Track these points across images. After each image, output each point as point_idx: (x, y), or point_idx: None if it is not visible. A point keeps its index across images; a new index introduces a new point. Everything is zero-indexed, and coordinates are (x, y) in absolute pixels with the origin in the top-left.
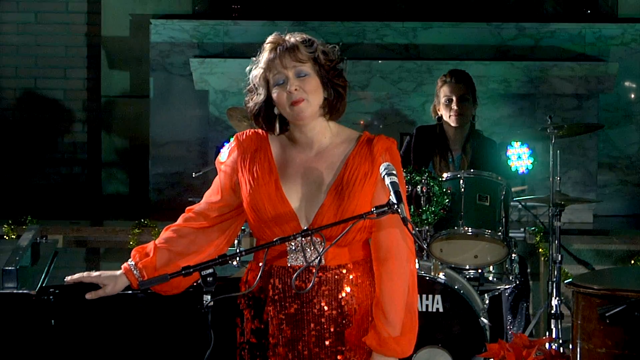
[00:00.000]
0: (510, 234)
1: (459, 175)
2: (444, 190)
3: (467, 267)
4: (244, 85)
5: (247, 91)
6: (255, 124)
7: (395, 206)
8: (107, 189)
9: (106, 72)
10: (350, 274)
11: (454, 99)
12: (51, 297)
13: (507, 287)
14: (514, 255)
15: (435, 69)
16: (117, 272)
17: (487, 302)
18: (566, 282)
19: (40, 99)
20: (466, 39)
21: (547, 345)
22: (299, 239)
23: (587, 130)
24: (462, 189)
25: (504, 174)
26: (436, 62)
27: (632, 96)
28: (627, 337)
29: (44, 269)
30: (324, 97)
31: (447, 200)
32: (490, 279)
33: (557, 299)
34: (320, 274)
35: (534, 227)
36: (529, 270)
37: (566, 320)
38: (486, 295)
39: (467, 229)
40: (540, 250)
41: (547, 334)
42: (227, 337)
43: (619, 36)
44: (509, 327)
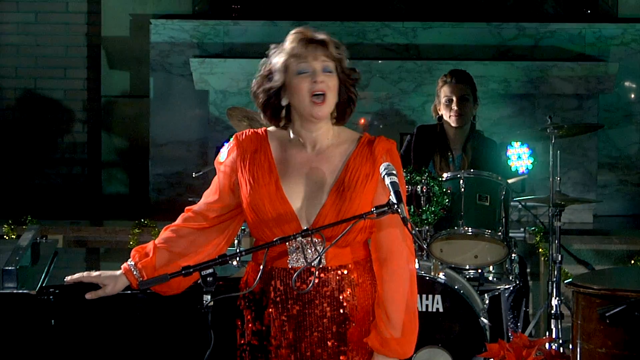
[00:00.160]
0: (510, 234)
1: (459, 175)
2: (444, 190)
3: (467, 267)
4: (244, 85)
5: (259, 77)
6: (262, 112)
7: (395, 206)
8: (107, 189)
9: (106, 72)
10: (351, 274)
11: (455, 99)
12: (51, 297)
13: (507, 287)
14: (513, 255)
15: (435, 69)
16: (117, 272)
17: (487, 302)
18: (566, 282)
19: (40, 99)
20: (466, 39)
21: (547, 345)
22: (300, 239)
23: (587, 130)
24: (462, 189)
25: (504, 174)
26: (436, 62)
27: (632, 96)
28: (627, 337)
29: (44, 269)
30: (337, 101)
31: (447, 200)
32: (490, 279)
33: (557, 299)
34: (321, 274)
35: (534, 227)
36: (528, 270)
37: (566, 320)
38: (486, 295)
39: (467, 229)
40: (540, 250)
41: (547, 334)
42: (227, 337)
43: (619, 36)
44: (509, 327)
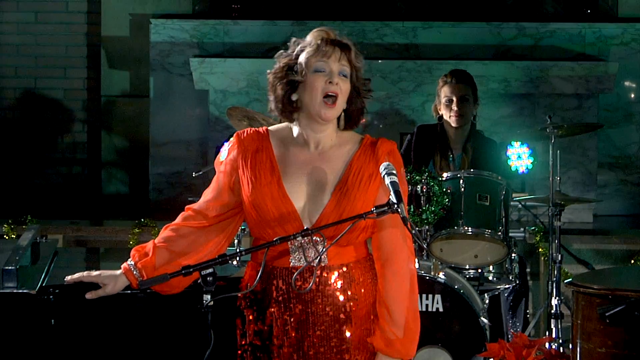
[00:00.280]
0: (510, 234)
1: (459, 175)
2: (444, 189)
3: (467, 266)
4: (244, 84)
5: (276, 69)
6: (274, 104)
7: (395, 206)
8: (107, 188)
9: (106, 72)
10: (353, 273)
11: (455, 99)
12: (51, 296)
13: (507, 286)
14: (513, 255)
15: (435, 68)
16: (117, 271)
17: (487, 301)
18: (566, 281)
19: (40, 98)
20: (466, 38)
21: (547, 344)
22: (301, 239)
23: (587, 130)
24: (462, 189)
25: (504, 174)
26: (436, 62)
27: (632, 96)
28: (627, 337)
29: (44, 269)
30: (345, 108)
31: (447, 199)
32: (490, 278)
33: (557, 298)
34: (324, 273)
35: (534, 227)
36: (528, 270)
37: (566, 319)
38: (486, 295)
39: (467, 228)
40: (540, 250)
41: (547, 333)
42: (227, 337)
43: (619, 36)
44: (509, 327)
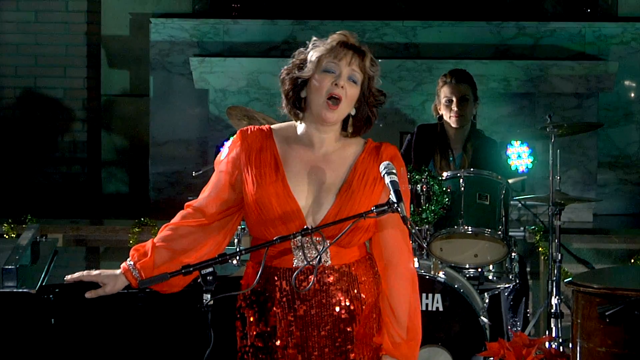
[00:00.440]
0: (510, 233)
1: (458, 174)
2: (444, 189)
3: (467, 266)
4: (244, 84)
5: (290, 64)
6: (283, 99)
7: (395, 205)
8: (107, 188)
9: (106, 71)
10: (356, 272)
11: (454, 100)
12: (51, 296)
13: (507, 286)
14: (513, 254)
15: (435, 68)
16: (117, 271)
17: (486, 301)
18: (566, 281)
19: (40, 98)
20: (466, 38)
21: (547, 344)
22: (306, 239)
23: (587, 129)
24: (462, 188)
25: (505, 174)
26: (436, 61)
27: (632, 95)
28: (626, 336)
29: (43, 268)
30: (351, 114)
31: (447, 199)
32: (490, 278)
33: (557, 298)
34: (327, 273)
35: (533, 226)
36: (528, 269)
37: (566, 319)
38: (486, 294)
39: (467, 227)
40: (540, 249)
41: (547, 333)
42: (227, 337)
43: (618, 35)
44: (509, 327)
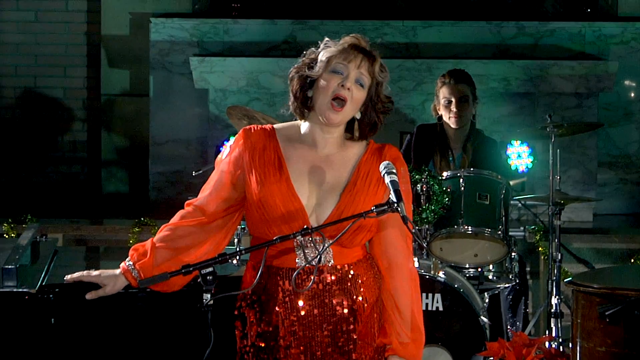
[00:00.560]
0: (510, 233)
1: (458, 174)
2: (444, 189)
3: (467, 265)
4: (244, 83)
5: (300, 63)
6: (291, 97)
7: (395, 204)
8: (107, 187)
9: (106, 71)
10: (357, 272)
11: (454, 100)
12: (51, 295)
13: (507, 285)
14: (513, 254)
15: (435, 67)
16: (117, 271)
17: (486, 300)
18: (566, 280)
19: (40, 97)
20: (466, 37)
21: (546, 344)
22: (308, 238)
23: (587, 129)
24: (462, 188)
25: (505, 173)
26: (436, 61)
27: (632, 95)
28: (626, 336)
29: (43, 268)
30: (357, 118)
31: (447, 199)
32: (490, 277)
33: (557, 297)
34: (330, 273)
35: (533, 226)
36: (528, 269)
37: (566, 319)
38: (486, 294)
39: (467, 227)
40: (540, 249)
41: (547, 332)
42: (227, 336)
43: (618, 35)
44: (509, 327)
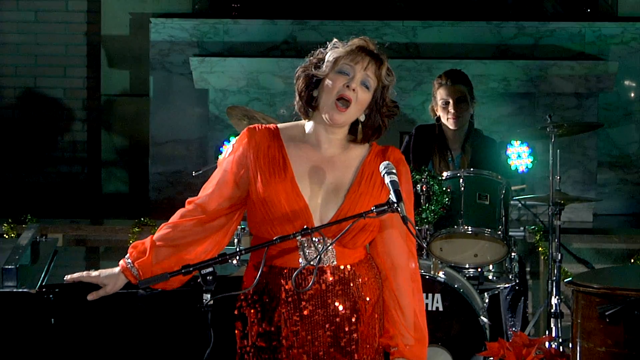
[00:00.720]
0: (510, 233)
1: (458, 174)
2: (444, 189)
3: (467, 265)
4: (244, 83)
5: (307, 62)
6: (297, 96)
7: (395, 205)
8: (107, 187)
9: (106, 71)
10: (360, 273)
11: (451, 101)
12: (51, 295)
13: (507, 286)
14: (513, 254)
15: (435, 67)
16: (116, 269)
17: (486, 301)
18: (566, 281)
19: (40, 97)
20: (466, 37)
21: (546, 344)
22: (313, 239)
23: (587, 129)
24: (462, 188)
25: (504, 173)
26: (436, 61)
27: (632, 95)
28: (626, 336)
29: (43, 268)
30: (361, 120)
31: (447, 199)
32: (490, 277)
33: (557, 297)
34: (333, 273)
35: (533, 226)
36: (528, 269)
37: (566, 319)
38: (486, 294)
39: (466, 227)
40: (540, 249)
41: (547, 332)
42: (227, 337)
43: (618, 35)
44: (509, 327)
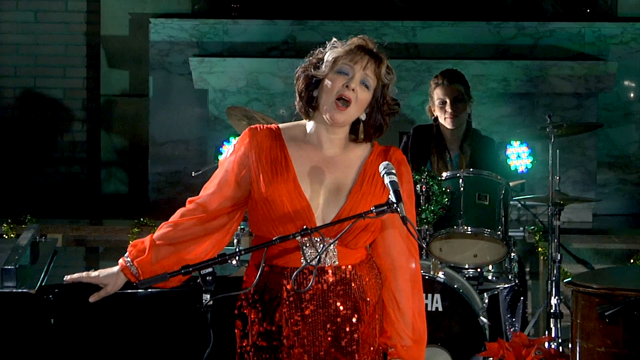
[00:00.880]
0: (509, 233)
1: (458, 174)
2: (444, 189)
3: (467, 266)
4: (244, 84)
5: (307, 62)
6: (297, 96)
7: (394, 205)
8: (107, 188)
9: (105, 71)
10: (361, 273)
11: (448, 101)
12: (51, 296)
13: (506, 286)
14: (513, 254)
15: (434, 68)
16: (115, 268)
17: (486, 301)
18: (565, 281)
19: (39, 98)
20: (466, 38)
21: (546, 344)
22: (314, 239)
23: (586, 129)
24: (462, 188)
25: (502, 172)
26: (436, 62)
27: (632, 95)
28: (626, 336)
29: (43, 268)
30: (362, 119)
31: (447, 199)
32: (489, 278)
33: (557, 298)
34: (335, 273)
35: (533, 227)
36: (528, 269)
37: (565, 319)
38: (485, 294)
39: (466, 228)
40: (539, 249)
41: (547, 333)
42: (227, 337)
43: (618, 35)
44: (508, 327)
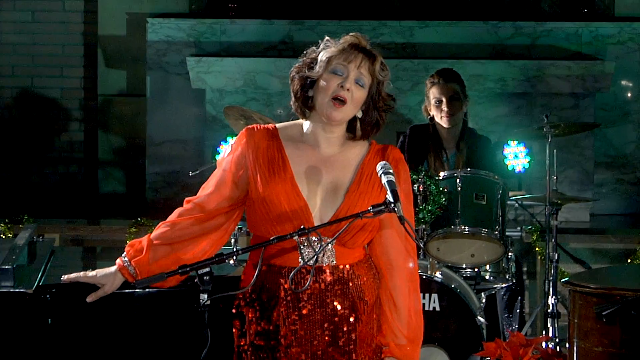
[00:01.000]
0: (507, 233)
1: (455, 174)
2: (441, 189)
3: (464, 265)
4: (241, 83)
5: (301, 63)
6: (292, 97)
7: (392, 205)
8: (104, 187)
9: (103, 71)
10: (359, 272)
11: (444, 100)
12: (48, 296)
13: (503, 286)
14: (510, 254)
15: (432, 67)
16: (112, 268)
17: (483, 301)
18: (563, 281)
19: (37, 97)
20: (463, 37)
21: (543, 344)
22: (313, 238)
23: (583, 129)
24: (459, 188)
25: (499, 171)
26: (433, 61)
27: (629, 95)
28: (623, 336)
29: (40, 268)
30: (358, 117)
31: (444, 199)
32: (486, 277)
33: (554, 297)
34: (333, 273)
35: (530, 226)
36: (525, 269)
37: (563, 319)
38: (483, 294)
39: (463, 227)
40: (536, 249)
41: (544, 332)
42: (224, 336)
43: (615, 35)
44: (506, 327)
